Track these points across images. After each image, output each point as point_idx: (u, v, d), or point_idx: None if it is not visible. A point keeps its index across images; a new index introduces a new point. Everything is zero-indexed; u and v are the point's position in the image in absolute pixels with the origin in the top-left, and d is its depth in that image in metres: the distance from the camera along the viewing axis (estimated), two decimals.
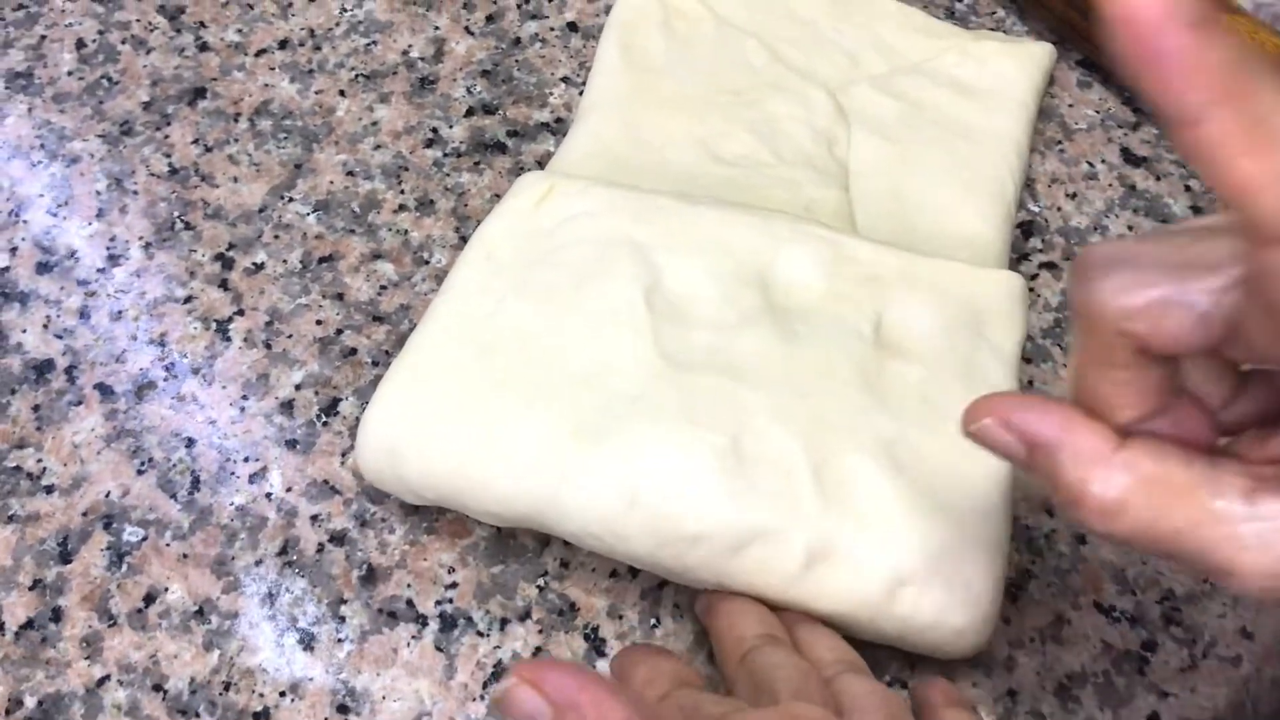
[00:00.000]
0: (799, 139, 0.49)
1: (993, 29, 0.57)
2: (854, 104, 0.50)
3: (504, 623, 0.40)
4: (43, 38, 0.54)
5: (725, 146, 0.48)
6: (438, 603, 0.40)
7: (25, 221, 0.48)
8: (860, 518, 0.37)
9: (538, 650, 0.39)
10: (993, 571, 0.37)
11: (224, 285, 0.47)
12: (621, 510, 0.37)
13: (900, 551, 0.36)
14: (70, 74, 0.53)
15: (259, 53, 0.54)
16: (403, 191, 0.50)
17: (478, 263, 0.42)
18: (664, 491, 0.37)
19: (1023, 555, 0.42)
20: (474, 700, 0.38)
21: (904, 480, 0.37)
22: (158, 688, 0.38)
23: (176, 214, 0.49)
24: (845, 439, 0.38)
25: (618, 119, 0.49)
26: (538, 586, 0.40)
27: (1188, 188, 0.52)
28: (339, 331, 0.46)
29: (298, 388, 0.45)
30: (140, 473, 0.42)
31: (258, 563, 0.41)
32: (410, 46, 0.55)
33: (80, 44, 0.54)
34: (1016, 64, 0.52)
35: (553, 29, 0.56)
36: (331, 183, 0.50)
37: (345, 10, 0.56)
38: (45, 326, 0.46)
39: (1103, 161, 0.53)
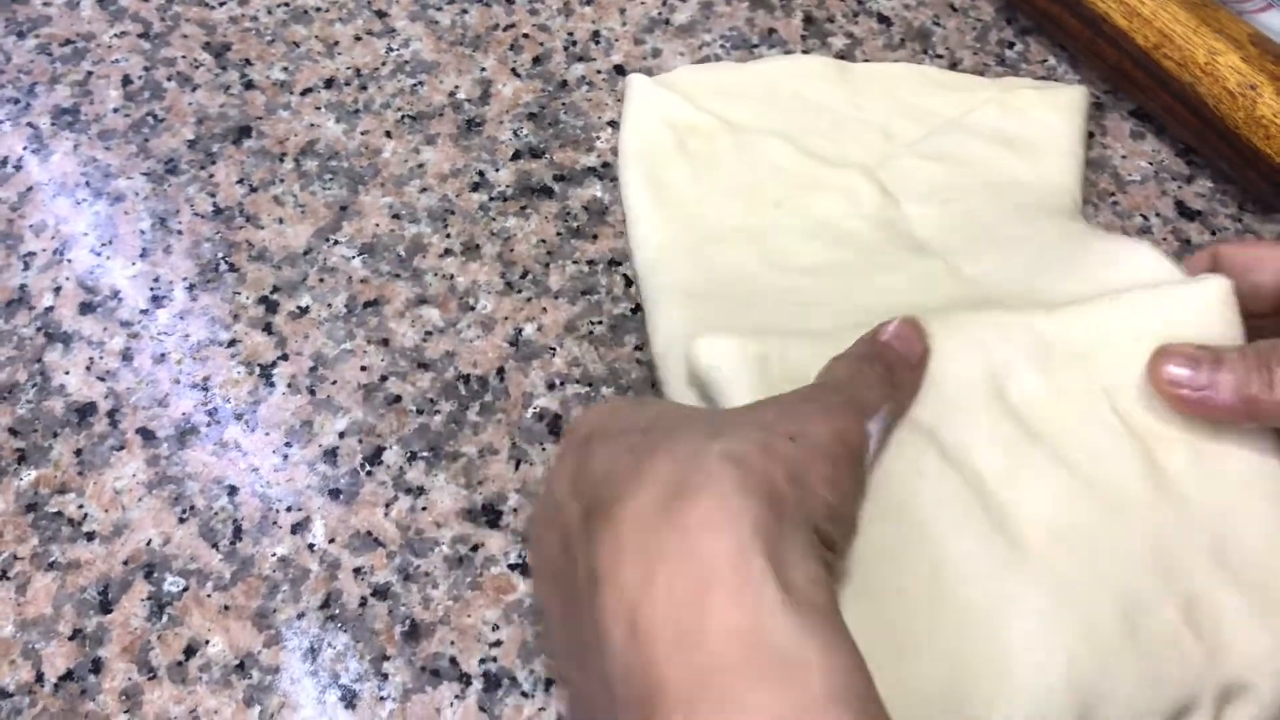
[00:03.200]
0: (862, 233, 0.46)
1: (1044, 77, 0.56)
2: (895, 178, 0.48)
3: (549, 684, 0.39)
4: (89, 74, 0.54)
5: (799, 260, 0.45)
6: (481, 661, 0.39)
7: (69, 260, 0.48)
8: (1238, 648, 0.33)
9: None
10: None
11: (268, 329, 0.46)
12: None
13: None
14: (116, 111, 0.53)
15: (305, 91, 0.54)
16: (448, 235, 0.49)
17: None
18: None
19: None
20: None
21: (1244, 582, 0.34)
22: None
23: (221, 255, 0.48)
24: (1181, 565, 0.34)
25: (685, 268, 0.46)
26: None
27: None
28: (383, 378, 0.45)
29: (341, 435, 0.44)
30: (182, 520, 0.42)
31: (300, 616, 0.40)
32: (457, 88, 0.54)
33: (126, 80, 0.54)
34: (1059, 112, 0.51)
35: (599, 72, 0.55)
36: (377, 225, 0.49)
37: (392, 50, 0.55)
38: (88, 368, 0.45)
39: (1156, 215, 0.52)
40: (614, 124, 0.53)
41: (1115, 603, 0.33)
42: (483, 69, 0.55)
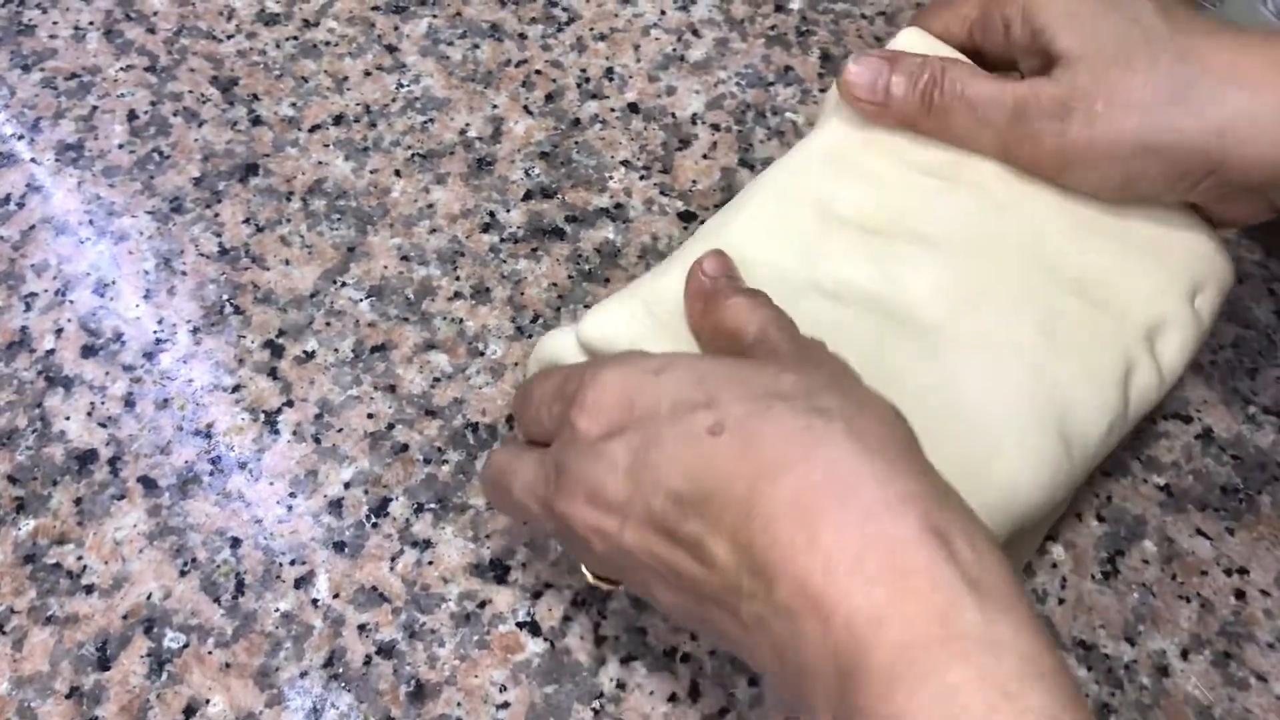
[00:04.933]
0: None
1: None
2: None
3: None
4: (94, 108, 0.53)
5: None
6: None
7: (71, 301, 0.47)
8: (1135, 299, 0.38)
9: None
10: None
11: (273, 374, 0.45)
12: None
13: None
14: (121, 146, 0.52)
15: (313, 128, 0.53)
16: (458, 278, 0.48)
17: None
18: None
19: (1102, 688, 0.40)
20: None
21: (1107, 245, 0.39)
22: None
23: (226, 297, 0.47)
24: (1055, 262, 0.38)
25: None
26: (593, 709, 0.39)
27: (1270, 291, 0.50)
28: (390, 426, 0.44)
29: (347, 486, 0.43)
30: (183, 574, 0.41)
31: (302, 674, 0.39)
32: (468, 125, 0.53)
33: (132, 115, 0.53)
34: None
35: (613, 110, 0.54)
36: (385, 267, 0.48)
37: (402, 86, 0.55)
38: (89, 414, 0.44)
39: None
40: (627, 163, 0.52)
41: (1032, 324, 0.37)
42: (494, 106, 0.54)
